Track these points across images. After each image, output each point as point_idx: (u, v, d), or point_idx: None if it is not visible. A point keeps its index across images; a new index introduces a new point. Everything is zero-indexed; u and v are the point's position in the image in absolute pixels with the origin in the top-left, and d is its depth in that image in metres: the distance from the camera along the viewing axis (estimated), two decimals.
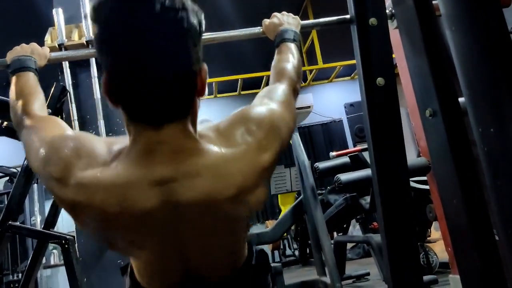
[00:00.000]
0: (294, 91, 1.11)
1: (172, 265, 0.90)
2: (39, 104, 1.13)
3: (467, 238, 1.18)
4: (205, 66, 0.87)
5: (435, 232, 5.01)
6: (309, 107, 7.55)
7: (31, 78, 1.21)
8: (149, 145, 0.83)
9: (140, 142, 0.83)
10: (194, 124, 0.87)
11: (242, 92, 7.49)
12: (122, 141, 0.88)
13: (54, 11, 2.52)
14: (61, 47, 2.51)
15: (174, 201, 0.81)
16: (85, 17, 2.56)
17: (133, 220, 0.81)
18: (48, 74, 1.55)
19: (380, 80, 1.39)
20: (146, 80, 0.79)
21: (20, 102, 1.11)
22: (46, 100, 2.30)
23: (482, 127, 0.89)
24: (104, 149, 0.87)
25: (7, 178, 4.91)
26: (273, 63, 1.22)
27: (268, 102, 1.00)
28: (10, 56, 1.29)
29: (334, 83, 8.01)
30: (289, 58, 1.21)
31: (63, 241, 2.31)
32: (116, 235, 0.85)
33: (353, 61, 1.51)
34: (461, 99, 1.13)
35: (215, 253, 0.91)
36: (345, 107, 7.74)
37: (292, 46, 1.27)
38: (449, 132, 1.13)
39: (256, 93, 1.09)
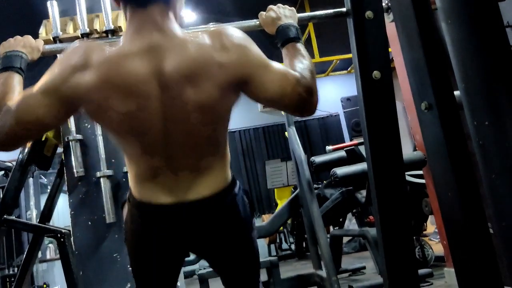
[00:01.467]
0: (307, 91, 1.11)
1: (160, 167, 1.10)
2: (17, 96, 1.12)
3: (462, 231, 1.18)
4: None
5: (431, 226, 5.03)
6: None
7: (13, 78, 1.18)
8: (139, 22, 1.08)
9: (132, 21, 1.09)
10: (175, 13, 1.13)
11: None
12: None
13: (48, 3, 2.49)
14: (55, 39, 2.48)
15: (159, 67, 1.03)
16: (80, 9, 2.54)
17: (132, 86, 1.03)
18: (43, 67, 1.54)
19: (376, 74, 1.39)
20: None
21: None
22: None
23: (477, 121, 0.89)
24: (108, 43, 1.11)
25: (2, 172, 4.88)
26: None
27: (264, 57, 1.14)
28: (3, 48, 1.28)
29: (331, 77, 8.00)
30: (301, 61, 1.18)
31: (59, 235, 2.30)
32: (120, 112, 1.04)
33: (350, 55, 1.50)
34: (456, 93, 1.13)
35: (197, 153, 1.11)
36: (341, 101, 7.74)
37: (300, 46, 1.25)
38: (444, 126, 1.13)
39: None
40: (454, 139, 1.13)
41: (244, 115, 7.62)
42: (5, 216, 2.27)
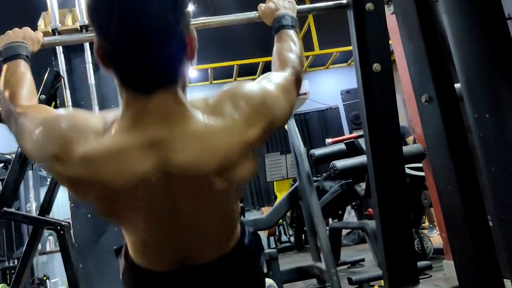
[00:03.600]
0: (297, 81, 1.09)
1: (165, 238, 0.93)
2: (28, 92, 1.11)
3: (461, 223, 1.18)
4: (194, 32, 0.90)
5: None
6: (305, 94, 7.54)
7: (21, 66, 1.18)
8: (140, 111, 0.85)
9: (131, 108, 0.86)
10: (183, 91, 0.89)
11: (238, 79, 7.45)
12: (115, 113, 0.90)
13: None
14: (54, 32, 2.48)
15: (165, 163, 0.84)
16: (79, 1, 2.52)
17: (130, 185, 0.84)
18: (42, 59, 1.53)
19: (376, 66, 1.38)
20: (135, 41, 0.81)
21: (7, 93, 1.09)
22: (40, 85, 2.28)
23: (477, 113, 0.89)
24: (98, 122, 0.89)
25: (2, 164, 4.89)
26: (274, 52, 1.19)
27: (265, 83, 1.00)
28: (2, 41, 1.27)
29: (331, 69, 7.98)
30: (291, 46, 1.19)
31: (59, 227, 2.30)
32: (114, 203, 0.87)
33: (350, 47, 1.50)
34: (457, 85, 1.13)
35: (206, 225, 0.95)
36: (341, 94, 7.71)
37: (292, 33, 1.25)
38: (444, 118, 1.12)
39: (253, 79, 1.07)
40: (454, 132, 1.12)
41: None
42: (4, 208, 2.27)
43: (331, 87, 7.79)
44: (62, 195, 3.19)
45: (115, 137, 0.85)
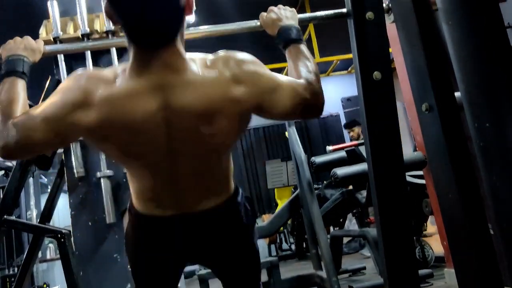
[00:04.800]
0: (313, 94, 1.11)
1: (165, 184, 1.09)
2: (21, 111, 1.10)
3: (462, 232, 1.18)
4: None
5: (431, 227, 5.02)
6: None
7: (16, 85, 1.17)
8: (146, 60, 1.02)
9: (138, 59, 1.03)
10: (182, 44, 1.06)
11: None
12: (123, 66, 1.07)
13: (49, 3, 2.49)
14: (56, 40, 2.48)
15: (166, 104, 1.01)
16: (80, 10, 2.53)
17: (140, 121, 1.00)
18: (43, 67, 1.53)
19: (376, 74, 1.38)
20: None
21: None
22: (41, 93, 2.29)
23: (478, 122, 0.89)
24: (109, 73, 1.06)
25: (2, 172, 4.88)
26: (289, 70, 1.22)
27: (273, 73, 1.13)
28: (4, 51, 1.26)
29: (331, 77, 7.99)
30: (306, 63, 1.19)
31: (59, 235, 2.30)
32: (126, 145, 1.04)
33: (350, 55, 1.50)
34: (457, 94, 1.13)
35: (201, 175, 1.10)
36: (342, 101, 7.73)
37: (303, 48, 1.26)
38: (445, 127, 1.12)
39: None
40: (455, 140, 1.12)
41: None
42: (5, 216, 2.26)
43: (332, 95, 7.79)
44: (63, 203, 3.18)
45: (127, 81, 1.02)
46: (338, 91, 7.80)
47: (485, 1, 0.95)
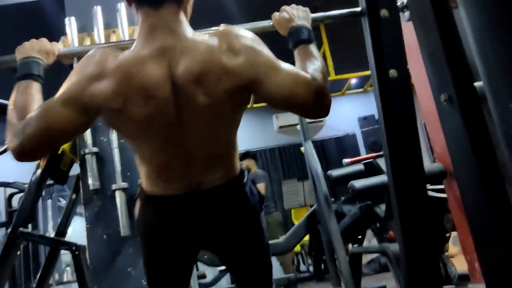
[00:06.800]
0: (318, 92, 1.11)
1: (175, 162, 1.13)
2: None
3: (491, 239, 1.11)
4: None
5: (452, 247, 4.87)
6: (321, 120, 7.52)
7: (31, 87, 1.19)
8: (152, 26, 1.11)
9: (145, 25, 1.11)
10: (185, 14, 1.16)
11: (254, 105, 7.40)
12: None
13: (66, 19, 2.54)
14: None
15: (171, 67, 1.06)
16: (97, 26, 2.58)
17: (150, 88, 1.05)
18: (59, 71, 1.55)
19: (393, 72, 1.36)
20: None
21: (15, 113, 1.10)
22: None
23: (500, 105, 0.85)
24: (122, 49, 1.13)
25: (22, 194, 4.93)
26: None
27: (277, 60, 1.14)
28: (19, 53, 1.28)
29: (347, 95, 7.95)
30: (313, 62, 1.18)
31: (74, 248, 2.29)
32: (138, 113, 1.06)
33: (367, 72, 1.48)
34: (476, 84, 1.10)
35: (207, 151, 1.14)
36: (358, 120, 7.67)
37: (312, 48, 1.24)
38: (465, 118, 1.09)
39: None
40: (477, 132, 1.08)
41: (260, 136, 7.61)
42: (20, 229, 2.26)
43: (348, 114, 7.75)
44: (78, 223, 3.18)
45: (137, 48, 1.10)
46: (354, 110, 7.75)
47: None
